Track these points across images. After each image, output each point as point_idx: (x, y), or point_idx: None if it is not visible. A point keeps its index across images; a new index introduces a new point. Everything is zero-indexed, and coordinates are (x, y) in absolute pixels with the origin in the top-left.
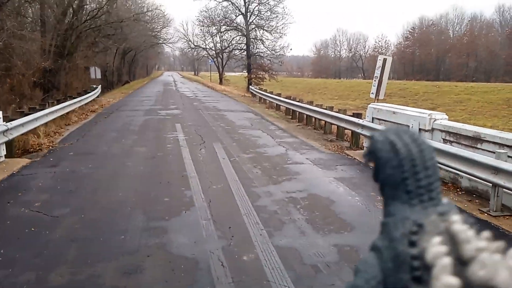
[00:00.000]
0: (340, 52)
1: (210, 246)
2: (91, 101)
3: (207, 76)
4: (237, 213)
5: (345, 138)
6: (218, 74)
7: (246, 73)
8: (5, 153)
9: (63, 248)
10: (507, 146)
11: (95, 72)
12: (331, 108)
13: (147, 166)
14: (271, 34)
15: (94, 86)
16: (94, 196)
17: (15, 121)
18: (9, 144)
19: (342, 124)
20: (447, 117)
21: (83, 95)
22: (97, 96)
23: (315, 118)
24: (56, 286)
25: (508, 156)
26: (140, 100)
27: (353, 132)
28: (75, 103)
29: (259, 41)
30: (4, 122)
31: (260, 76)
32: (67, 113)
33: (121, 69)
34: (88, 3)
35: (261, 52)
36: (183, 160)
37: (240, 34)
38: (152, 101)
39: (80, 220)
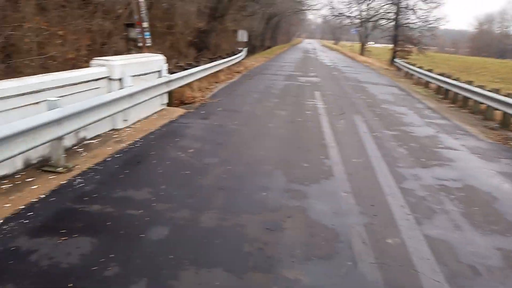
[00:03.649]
0: (507, 28)
1: (350, 220)
2: (237, 62)
3: (347, 46)
4: (379, 192)
5: (510, 127)
6: (359, 44)
7: (390, 45)
8: (166, 101)
9: (212, 194)
10: None
11: (243, 35)
12: (496, 91)
13: (287, 129)
14: (425, 3)
15: (240, 48)
16: (239, 151)
17: (175, 74)
18: (170, 94)
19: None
20: None
21: (231, 56)
22: (242, 59)
23: (474, 100)
24: (206, 227)
25: None
26: (281, 66)
27: None
28: (224, 63)
29: (411, 10)
30: (168, 74)
31: (406, 49)
32: (217, 71)
33: (264, 34)
34: None
35: (411, 23)
36: (322, 128)
37: (389, 2)
38: (292, 67)
39: (227, 172)
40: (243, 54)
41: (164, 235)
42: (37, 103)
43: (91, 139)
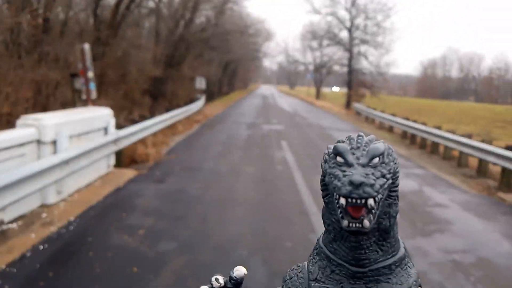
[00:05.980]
0: (449, 72)
1: None
2: (195, 111)
3: (302, 90)
4: None
5: (488, 174)
6: (314, 89)
7: (341, 89)
8: (114, 162)
9: None
10: None
11: (200, 82)
12: (469, 137)
13: (258, 192)
14: (376, 49)
15: (199, 95)
16: (204, 228)
17: (126, 129)
18: (118, 153)
19: (491, 159)
20: None
21: (189, 104)
22: (201, 106)
23: (445, 146)
24: None
25: None
26: (242, 113)
27: (504, 169)
28: (182, 113)
29: (362, 56)
30: (116, 130)
31: (360, 93)
32: (174, 123)
33: (222, 81)
34: (198, 16)
35: (364, 68)
36: (297, 187)
37: (342, 49)
38: (254, 114)
39: (189, 264)
40: (201, 101)
41: None
42: None
43: (10, 222)
